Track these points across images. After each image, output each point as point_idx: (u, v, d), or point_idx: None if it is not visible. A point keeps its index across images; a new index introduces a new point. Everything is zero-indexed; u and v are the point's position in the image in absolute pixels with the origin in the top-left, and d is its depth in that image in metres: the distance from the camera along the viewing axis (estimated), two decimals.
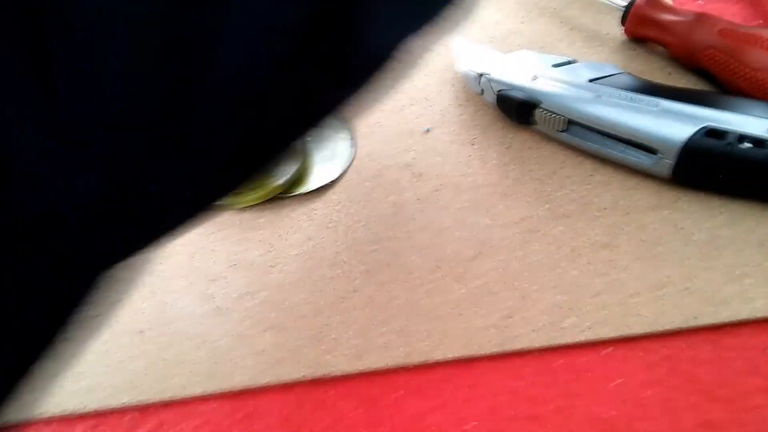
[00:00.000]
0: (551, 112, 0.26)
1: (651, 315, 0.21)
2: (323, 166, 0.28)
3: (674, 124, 0.23)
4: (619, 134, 0.25)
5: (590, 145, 0.26)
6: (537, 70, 0.27)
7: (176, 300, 0.24)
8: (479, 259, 0.24)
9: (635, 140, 0.24)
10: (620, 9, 0.30)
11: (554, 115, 0.26)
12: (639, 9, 0.30)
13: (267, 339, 0.22)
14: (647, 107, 0.24)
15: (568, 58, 0.28)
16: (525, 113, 0.27)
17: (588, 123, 0.25)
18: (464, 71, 0.30)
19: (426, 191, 0.26)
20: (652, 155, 0.24)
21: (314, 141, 0.29)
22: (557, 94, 0.26)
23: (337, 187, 0.27)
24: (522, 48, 0.30)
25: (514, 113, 0.27)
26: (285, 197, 0.27)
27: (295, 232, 0.26)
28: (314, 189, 0.27)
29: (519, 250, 0.24)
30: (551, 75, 0.27)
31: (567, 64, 0.28)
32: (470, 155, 0.28)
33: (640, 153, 0.24)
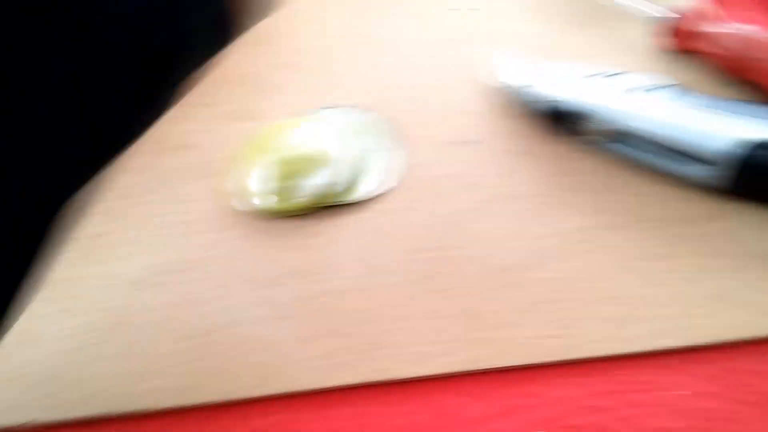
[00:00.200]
0: (600, 124, 0.26)
1: (713, 326, 0.21)
2: (377, 175, 0.29)
3: (731, 137, 0.24)
4: (674, 146, 0.25)
5: (642, 156, 0.26)
6: (583, 82, 0.28)
7: (239, 304, 0.24)
8: (536, 269, 0.24)
9: (690, 152, 0.24)
10: (665, 22, 0.31)
11: (603, 127, 0.26)
12: (686, 22, 0.30)
13: (329, 344, 0.22)
14: (702, 119, 0.24)
15: (616, 70, 0.28)
16: (572, 125, 0.27)
17: (640, 134, 0.26)
18: (508, 83, 0.30)
19: (478, 201, 0.27)
20: (709, 167, 0.24)
21: (368, 150, 0.30)
22: (607, 106, 0.26)
23: (390, 196, 0.28)
24: (565, 59, 0.30)
25: (561, 125, 0.28)
26: (339, 204, 0.27)
27: (351, 240, 0.26)
28: (368, 198, 0.28)
29: (576, 260, 0.24)
30: (598, 86, 0.27)
31: (615, 75, 0.28)
32: (519, 166, 0.28)
33: (696, 165, 0.25)
